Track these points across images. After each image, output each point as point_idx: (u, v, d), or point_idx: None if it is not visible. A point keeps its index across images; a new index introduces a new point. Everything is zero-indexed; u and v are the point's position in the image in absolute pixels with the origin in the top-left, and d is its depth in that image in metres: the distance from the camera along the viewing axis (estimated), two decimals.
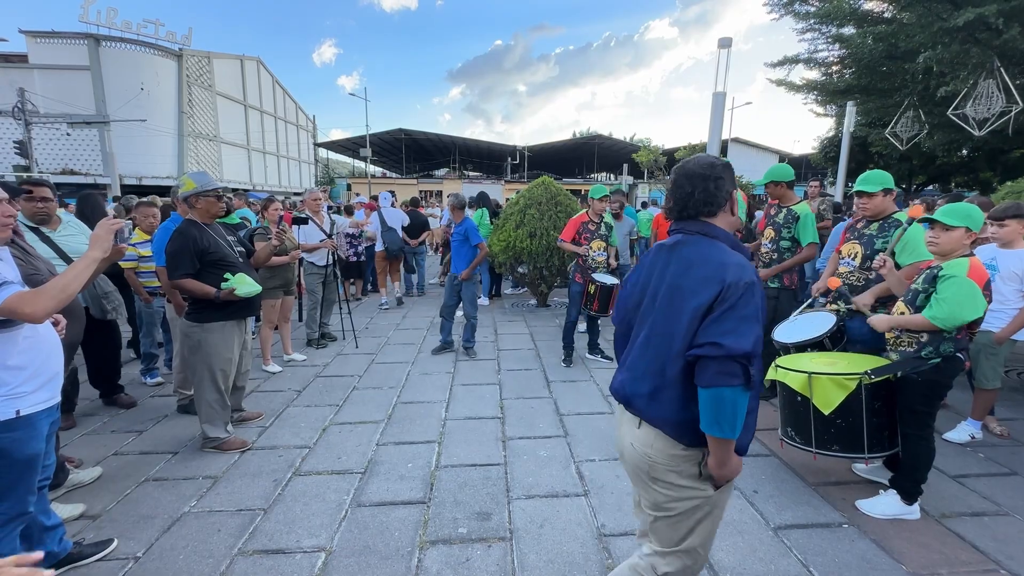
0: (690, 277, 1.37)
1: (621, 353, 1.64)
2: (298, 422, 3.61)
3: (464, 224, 5.06)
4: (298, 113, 44.30)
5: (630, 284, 1.61)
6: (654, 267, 1.51)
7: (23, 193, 3.06)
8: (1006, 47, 7.66)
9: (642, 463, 1.47)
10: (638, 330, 1.51)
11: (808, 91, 12.93)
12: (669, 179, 1.57)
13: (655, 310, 1.45)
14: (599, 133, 42.15)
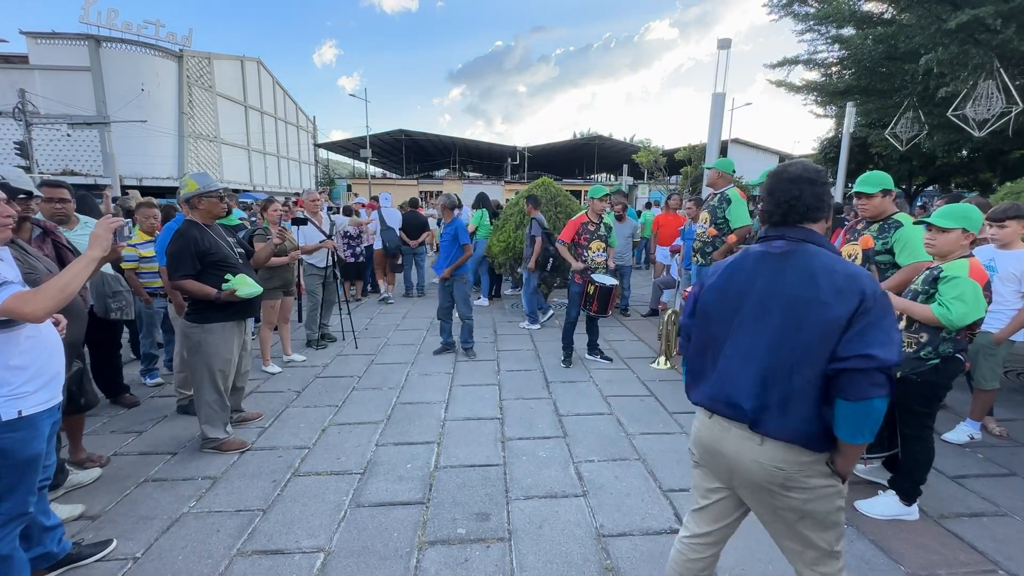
0: (818, 288, 1.33)
1: (700, 362, 1.57)
2: (297, 423, 3.61)
3: (454, 224, 5.03)
4: (298, 114, 44.34)
5: (718, 291, 1.53)
6: (756, 274, 1.44)
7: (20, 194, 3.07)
8: (1005, 48, 7.67)
9: (773, 478, 1.41)
10: (737, 339, 1.45)
11: (808, 92, 12.95)
12: (765, 183, 1.52)
13: (767, 320, 1.39)
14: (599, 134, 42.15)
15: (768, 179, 1.51)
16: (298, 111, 44.29)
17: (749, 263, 1.49)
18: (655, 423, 3.62)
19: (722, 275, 1.54)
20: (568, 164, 47.04)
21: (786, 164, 1.50)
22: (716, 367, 1.50)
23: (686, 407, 3.89)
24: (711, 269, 1.60)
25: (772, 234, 1.48)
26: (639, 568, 2.18)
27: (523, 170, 41.79)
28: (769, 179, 1.51)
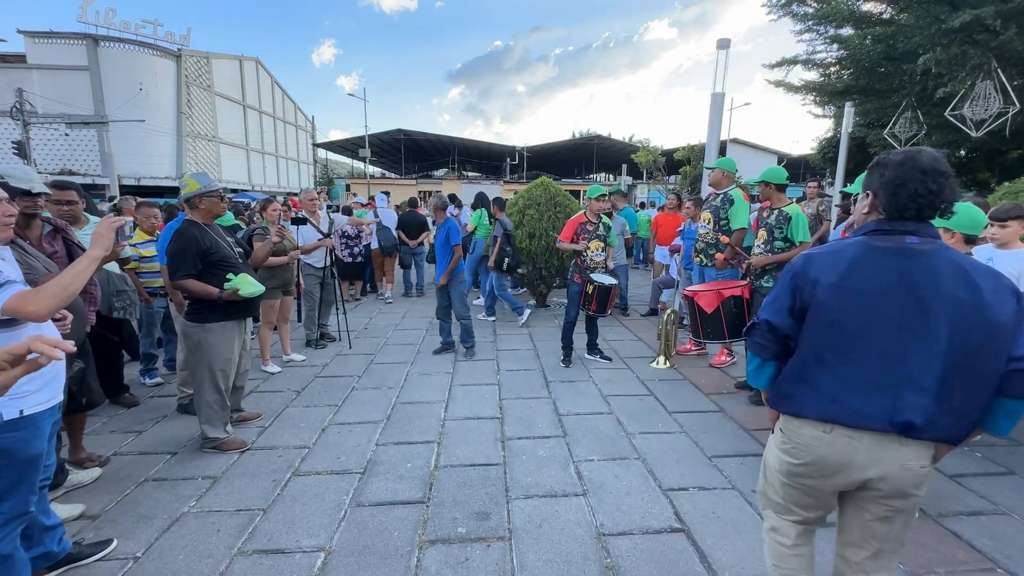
0: (979, 289, 1.28)
1: (814, 370, 1.41)
2: (297, 422, 3.61)
3: (445, 225, 5.01)
4: (297, 113, 44.27)
5: (846, 291, 1.35)
6: (892, 272, 1.33)
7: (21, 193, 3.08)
8: (1004, 48, 7.69)
9: (917, 479, 1.38)
10: (890, 345, 1.32)
11: (807, 92, 12.96)
12: (889, 173, 1.38)
13: (931, 324, 1.29)
14: (598, 133, 42.14)
15: (892, 169, 1.37)
16: (296, 111, 44.23)
17: (876, 260, 1.35)
18: (654, 422, 3.62)
19: (843, 274, 1.36)
20: (567, 164, 47.05)
21: (914, 152, 1.37)
22: (848, 375, 1.36)
23: (685, 407, 3.89)
24: (818, 263, 1.40)
25: (900, 228, 1.36)
26: (639, 567, 2.19)
27: (522, 170, 41.79)
28: (894, 169, 1.37)
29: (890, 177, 1.37)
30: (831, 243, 1.49)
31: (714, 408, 3.88)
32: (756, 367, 1.56)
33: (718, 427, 3.55)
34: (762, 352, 1.51)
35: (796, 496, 1.58)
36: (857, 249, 1.38)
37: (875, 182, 1.43)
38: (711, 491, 2.76)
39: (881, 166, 1.42)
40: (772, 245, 3.84)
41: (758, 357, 1.53)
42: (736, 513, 2.56)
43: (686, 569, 2.17)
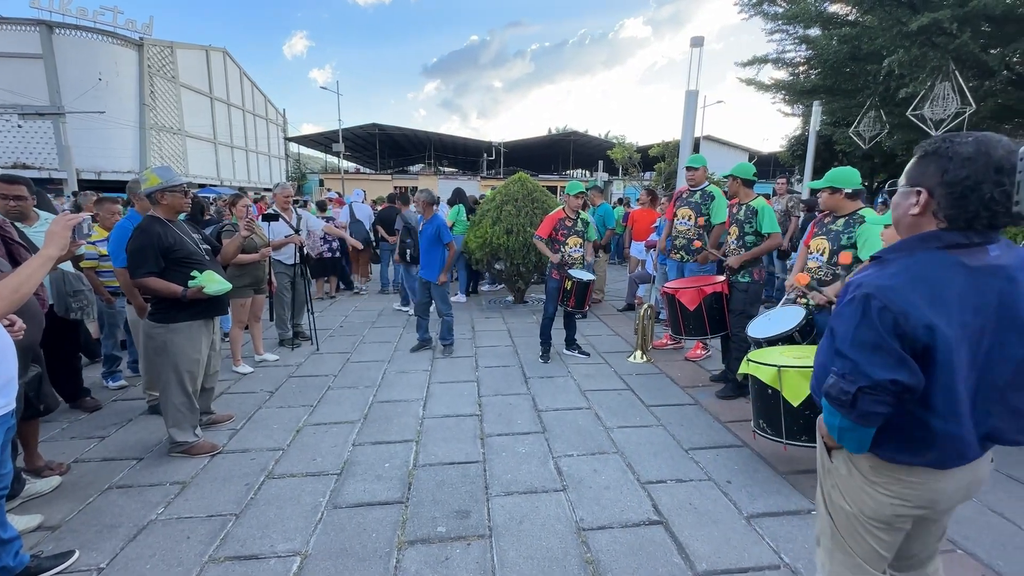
0: None
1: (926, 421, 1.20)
2: (271, 424, 3.52)
3: (434, 222, 4.94)
4: (267, 106, 43.12)
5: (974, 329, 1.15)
6: (1004, 296, 1.16)
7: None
8: (960, 51, 8.01)
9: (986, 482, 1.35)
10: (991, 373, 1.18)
11: (776, 91, 13.27)
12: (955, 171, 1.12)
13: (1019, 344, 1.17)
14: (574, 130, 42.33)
15: (960, 166, 1.12)
16: (267, 103, 43.07)
17: (976, 282, 1.14)
18: (632, 416, 3.66)
19: (959, 307, 1.13)
20: (544, 160, 47.12)
21: (986, 142, 1.12)
22: (960, 414, 1.18)
23: (662, 400, 3.95)
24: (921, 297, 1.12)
25: (979, 240, 1.16)
26: (619, 560, 2.21)
27: (499, 165, 41.68)
28: (964, 167, 1.12)
29: (958, 176, 1.12)
30: (907, 264, 1.17)
31: (690, 401, 3.95)
32: (861, 437, 1.23)
33: (694, 419, 3.61)
34: (876, 420, 1.18)
35: (893, 539, 1.36)
36: (955, 272, 1.14)
37: (932, 178, 1.16)
38: (688, 483, 2.81)
39: (942, 158, 1.15)
40: (744, 240, 3.91)
41: (871, 426, 1.20)
42: (712, 504, 2.61)
43: (664, 561, 2.20)
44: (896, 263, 1.18)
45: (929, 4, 7.83)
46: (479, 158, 43.88)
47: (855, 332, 1.17)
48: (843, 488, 1.37)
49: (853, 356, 1.17)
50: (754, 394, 2.86)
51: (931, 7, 7.69)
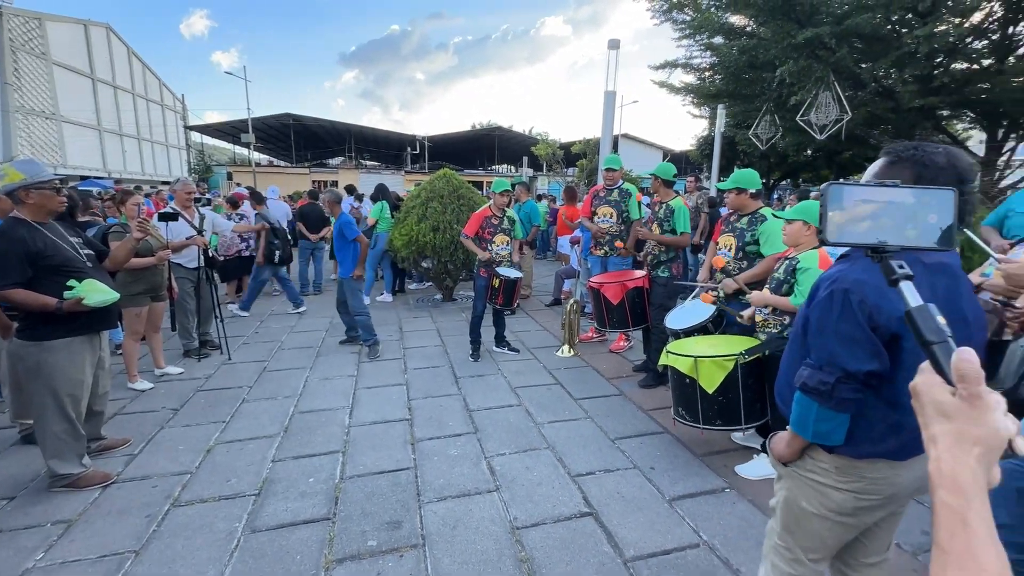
0: (979, 308, 1.29)
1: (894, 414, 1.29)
2: (176, 445, 3.20)
3: (339, 220, 4.93)
4: (163, 91, 39.09)
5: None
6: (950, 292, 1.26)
7: None
8: (839, 64, 8.99)
9: None
10: None
11: (686, 93, 14.13)
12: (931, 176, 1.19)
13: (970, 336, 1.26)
14: (499, 125, 42.37)
15: (935, 173, 1.20)
16: (162, 88, 39.03)
17: (928, 279, 1.22)
18: (562, 411, 3.75)
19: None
20: (469, 155, 46.89)
21: (953, 155, 1.21)
22: None
23: (589, 392, 4.08)
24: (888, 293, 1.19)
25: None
26: (551, 555, 2.25)
27: (423, 160, 40.88)
28: (937, 173, 1.20)
29: (935, 183, 1.19)
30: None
31: (615, 392, 4.12)
32: (838, 424, 1.28)
33: (619, 410, 3.77)
34: (850, 407, 1.26)
35: (844, 534, 1.43)
36: (915, 268, 1.20)
37: (907, 182, 1.21)
38: (615, 472, 2.92)
39: (918, 165, 1.22)
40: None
41: (843, 413, 1.27)
42: (638, 491, 2.74)
43: (595, 551, 2.28)
44: (863, 260, 1.24)
45: (813, 20, 8.70)
46: (403, 152, 42.73)
47: (836, 325, 1.23)
48: (802, 491, 1.42)
49: (832, 348, 1.24)
50: (673, 383, 3.03)
51: (814, 23, 8.55)
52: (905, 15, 8.62)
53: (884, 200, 0.71)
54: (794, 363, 1.39)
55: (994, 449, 0.51)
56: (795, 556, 1.48)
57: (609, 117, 7.86)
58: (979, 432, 0.51)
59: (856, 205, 0.71)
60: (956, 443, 0.52)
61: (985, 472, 0.50)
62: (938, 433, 0.54)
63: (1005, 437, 0.51)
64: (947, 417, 0.53)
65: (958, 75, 8.88)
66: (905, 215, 0.71)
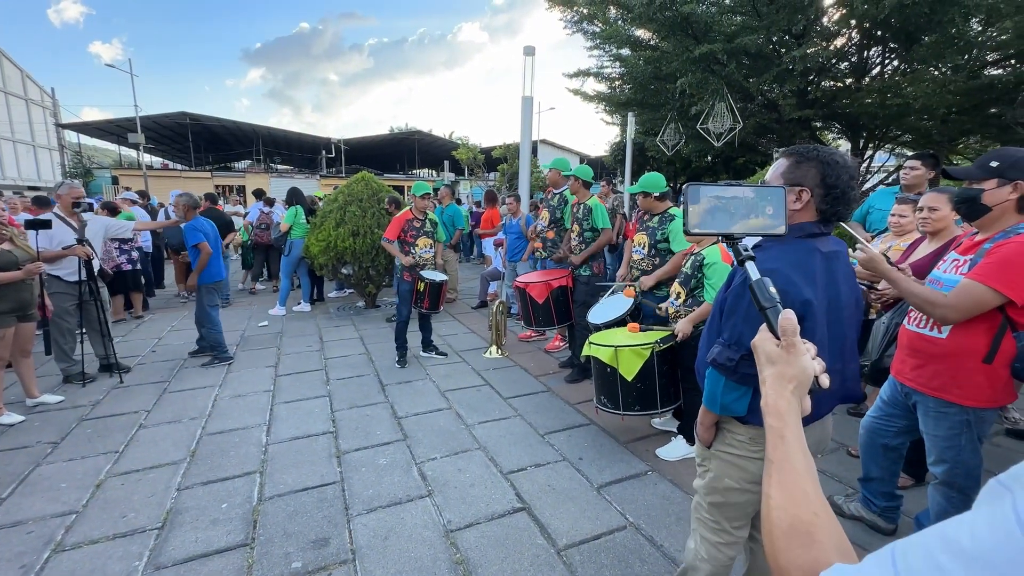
0: (859, 292, 1.49)
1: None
2: (56, 483, 2.81)
3: (186, 225, 4.75)
4: (26, 83, 34.24)
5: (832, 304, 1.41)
6: (845, 277, 1.45)
7: None
8: (730, 78, 9.90)
9: None
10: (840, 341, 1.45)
11: (598, 101, 14.81)
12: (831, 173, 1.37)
13: (848, 322, 1.46)
14: (418, 129, 41.72)
15: (833, 170, 1.37)
16: (25, 79, 34.19)
17: (825, 265, 1.39)
18: (492, 410, 3.77)
19: (824, 286, 1.39)
20: (388, 158, 45.72)
21: (838, 153, 1.39)
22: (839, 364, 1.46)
23: (518, 391, 4.14)
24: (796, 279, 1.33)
25: (827, 231, 1.44)
26: (487, 553, 2.25)
27: (340, 164, 39.23)
28: (834, 170, 1.37)
29: (838, 180, 1.37)
30: (783, 250, 1.38)
31: (543, 388, 4.21)
32: (740, 395, 1.43)
33: (547, 406, 3.86)
34: (751, 381, 1.38)
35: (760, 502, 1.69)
36: (815, 257, 1.38)
37: (813, 179, 1.39)
38: (545, 466, 2.99)
39: (822, 164, 1.39)
40: (583, 236, 4.29)
41: (746, 386, 1.42)
42: (568, 482, 2.82)
43: (529, 544, 2.32)
44: (772, 249, 1.38)
45: (708, 37, 9.50)
46: (317, 155, 40.74)
47: (746, 308, 1.36)
48: (725, 470, 1.57)
49: (740, 328, 1.37)
50: (595, 373, 3.17)
51: (708, 40, 9.34)
52: (784, 36, 9.68)
53: (730, 196, 0.85)
54: (710, 343, 1.53)
55: (803, 383, 0.66)
56: (721, 527, 1.62)
57: (527, 122, 8.05)
58: (792, 372, 0.67)
59: (709, 201, 0.84)
60: (777, 381, 0.67)
61: (799, 402, 0.66)
62: (766, 376, 0.69)
63: (811, 375, 0.67)
64: (772, 363, 0.69)
65: (827, 91, 10.11)
66: (747, 208, 0.85)
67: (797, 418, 0.65)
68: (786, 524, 0.57)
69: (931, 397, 1.97)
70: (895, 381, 2.19)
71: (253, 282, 8.53)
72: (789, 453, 0.62)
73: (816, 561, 0.52)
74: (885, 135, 10.94)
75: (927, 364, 1.97)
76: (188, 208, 4.81)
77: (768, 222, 0.85)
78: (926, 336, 1.97)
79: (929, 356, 1.96)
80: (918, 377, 2.01)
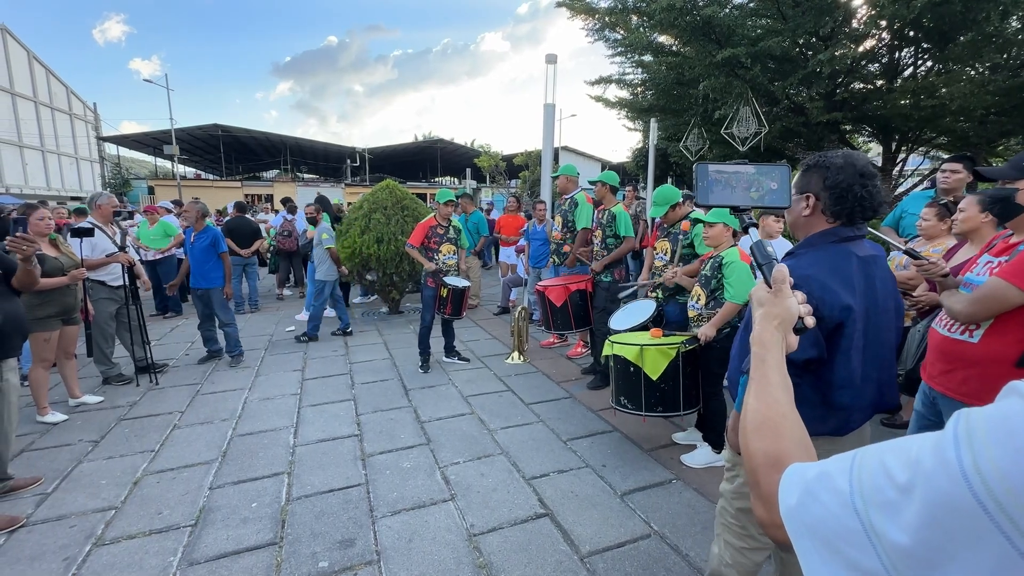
0: (899, 296, 1.48)
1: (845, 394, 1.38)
2: (97, 479, 2.93)
3: (208, 233, 4.96)
4: (71, 99, 36.01)
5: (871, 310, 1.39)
6: (883, 282, 1.42)
7: None
8: (755, 81, 9.76)
9: None
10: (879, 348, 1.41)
11: (620, 108, 14.75)
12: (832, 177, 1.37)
13: (889, 327, 1.44)
14: (441, 137, 42.23)
15: (834, 173, 1.37)
16: (70, 95, 35.96)
17: (863, 270, 1.37)
18: (514, 416, 3.78)
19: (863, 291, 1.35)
20: (411, 167, 46.41)
21: (851, 155, 1.39)
22: (857, 386, 1.37)
23: (540, 397, 4.14)
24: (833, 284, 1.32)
25: (858, 234, 1.41)
26: (510, 558, 2.26)
27: (364, 172, 39.99)
28: (837, 173, 1.37)
29: (836, 180, 1.37)
30: (817, 256, 1.37)
31: (565, 395, 4.20)
32: None
33: (570, 412, 3.85)
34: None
35: None
36: (851, 262, 1.37)
37: (816, 184, 1.40)
38: (568, 472, 2.98)
39: (822, 168, 1.40)
40: (606, 243, 4.28)
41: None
42: (591, 488, 2.81)
43: (552, 550, 2.31)
44: (807, 256, 1.38)
45: (730, 41, 9.40)
46: (342, 164, 41.63)
47: None
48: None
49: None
50: (616, 373, 3.13)
51: (731, 44, 9.24)
52: (810, 39, 9.50)
53: (732, 171, 0.92)
54: (742, 354, 1.49)
55: (787, 321, 0.77)
56: (747, 532, 1.60)
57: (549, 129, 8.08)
58: (778, 311, 0.78)
59: (716, 176, 0.92)
60: (764, 318, 0.79)
61: (782, 336, 0.77)
62: (756, 315, 0.80)
63: (795, 314, 0.78)
64: (761, 304, 0.80)
65: (857, 93, 9.87)
66: (749, 183, 0.93)
67: (779, 348, 0.75)
68: (758, 421, 0.68)
69: (960, 403, 1.90)
70: (925, 386, 2.12)
71: (280, 288, 8.74)
72: (767, 372, 0.73)
73: (779, 450, 0.63)
74: (919, 138, 10.61)
75: (957, 369, 1.91)
76: (199, 216, 5.00)
77: (773, 196, 0.92)
78: (957, 340, 1.91)
79: (960, 360, 1.90)
80: (947, 382, 1.94)
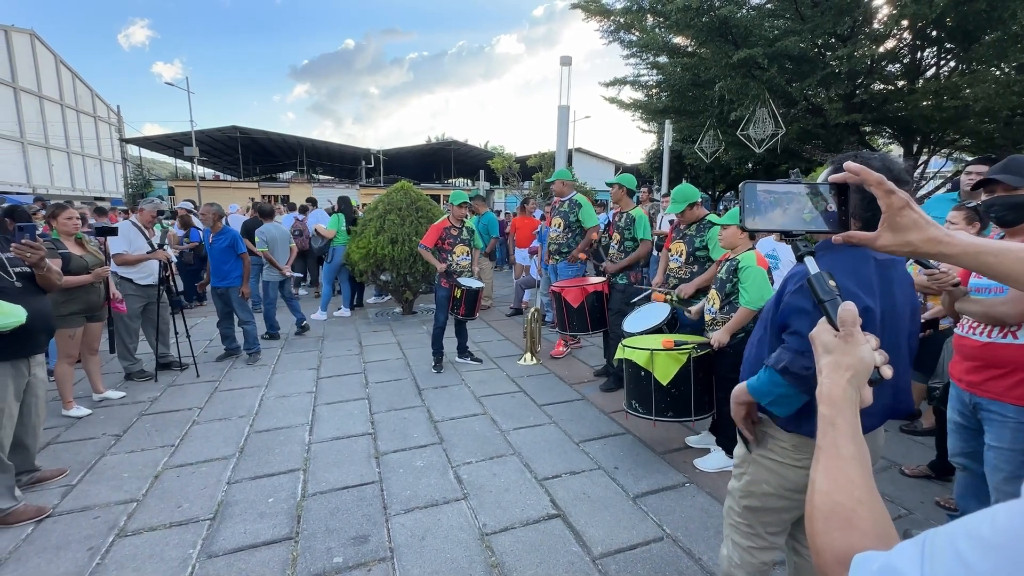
0: (916, 298, 1.49)
1: None
2: (119, 472, 3.01)
3: (226, 235, 5.04)
4: (96, 102, 36.92)
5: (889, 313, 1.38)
6: (901, 286, 1.43)
7: None
8: (772, 83, 9.65)
9: None
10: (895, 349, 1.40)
11: (634, 109, 14.70)
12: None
13: (904, 328, 1.44)
14: (455, 139, 42.43)
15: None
16: (95, 98, 36.87)
17: (880, 274, 1.37)
18: (526, 417, 3.79)
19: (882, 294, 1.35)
20: (425, 168, 46.69)
21: (887, 158, 1.35)
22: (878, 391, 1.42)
23: (552, 398, 4.14)
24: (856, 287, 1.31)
25: None
26: (522, 558, 2.27)
27: (379, 173, 40.34)
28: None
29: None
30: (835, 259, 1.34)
31: (577, 396, 4.20)
32: (795, 402, 1.40)
33: (582, 413, 3.85)
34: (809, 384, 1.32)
35: (799, 511, 1.55)
36: (869, 264, 1.36)
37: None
38: (581, 474, 2.98)
39: None
40: (624, 245, 4.27)
41: (805, 395, 1.37)
42: (603, 491, 2.80)
43: (564, 551, 2.31)
44: (825, 258, 1.34)
45: (747, 42, 9.31)
46: (357, 166, 42.04)
47: (813, 315, 1.28)
48: (764, 476, 1.54)
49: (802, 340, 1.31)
50: (628, 377, 3.13)
51: (748, 44, 9.15)
52: (828, 39, 9.37)
53: (784, 191, 0.83)
54: (760, 345, 1.50)
55: (861, 373, 0.65)
56: (755, 532, 1.59)
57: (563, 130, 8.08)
58: (850, 360, 0.66)
59: (765, 198, 0.83)
60: (833, 370, 0.67)
61: (856, 391, 0.65)
62: (823, 365, 0.69)
63: (870, 364, 0.66)
64: (828, 352, 0.69)
65: (877, 94, 9.71)
66: (802, 205, 0.83)
67: (852, 407, 0.64)
68: (827, 509, 0.58)
69: (1012, 406, 1.86)
70: (963, 395, 2.08)
71: (295, 288, 8.87)
72: (838, 440, 0.62)
73: (851, 547, 0.53)
74: (941, 139, 10.39)
75: (1007, 373, 1.87)
76: (216, 218, 5.12)
77: (828, 218, 0.83)
78: (1000, 344, 1.88)
79: (1008, 364, 1.86)
80: (996, 387, 1.90)
